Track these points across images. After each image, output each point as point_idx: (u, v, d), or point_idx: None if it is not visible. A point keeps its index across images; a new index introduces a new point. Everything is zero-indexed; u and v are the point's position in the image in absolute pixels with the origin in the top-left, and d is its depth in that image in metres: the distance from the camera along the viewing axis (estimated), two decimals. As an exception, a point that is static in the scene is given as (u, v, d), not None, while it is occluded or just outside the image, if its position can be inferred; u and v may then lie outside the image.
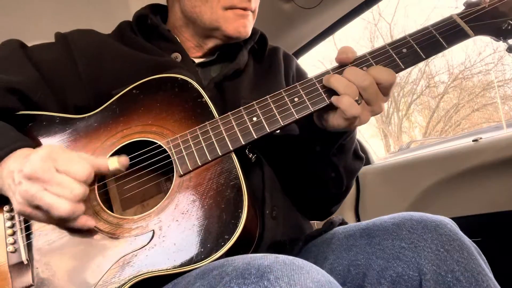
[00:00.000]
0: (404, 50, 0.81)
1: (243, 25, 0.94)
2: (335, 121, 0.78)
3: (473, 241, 0.70)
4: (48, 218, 0.66)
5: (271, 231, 0.81)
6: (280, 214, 0.84)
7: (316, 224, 1.71)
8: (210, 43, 0.99)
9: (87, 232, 0.70)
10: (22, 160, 0.66)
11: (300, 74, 1.10)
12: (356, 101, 0.74)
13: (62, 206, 0.63)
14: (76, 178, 0.64)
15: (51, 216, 0.65)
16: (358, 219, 2.01)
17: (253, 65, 1.02)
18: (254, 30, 1.05)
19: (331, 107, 0.78)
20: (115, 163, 0.69)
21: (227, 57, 1.01)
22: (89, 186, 0.68)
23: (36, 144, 0.77)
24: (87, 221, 0.68)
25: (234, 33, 0.94)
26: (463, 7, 0.85)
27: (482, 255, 0.69)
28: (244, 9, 0.93)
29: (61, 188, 0.63)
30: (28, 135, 0.79)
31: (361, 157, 0.97)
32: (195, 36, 0.99)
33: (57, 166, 0.64)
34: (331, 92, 0.78)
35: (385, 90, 0.76)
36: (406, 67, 0.81)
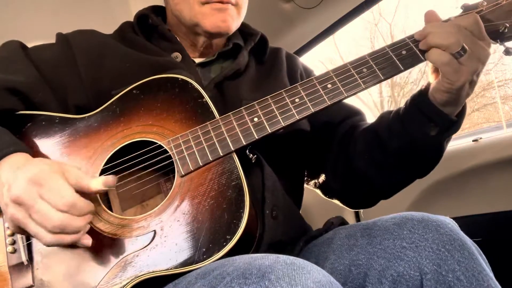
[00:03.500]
0: (404, 52, 0.81)
1: (222, 20, 0.91)
2: (443, 83, 0.76)
3: (473, 241, 0.70)
4: None
5: (271, 231, 0.80)
6: (280, 214, 0.84)
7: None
8: (200, 40, 0.98)
9: (88, 233, 0.69)
10: (12, 174, 0.64)
11: (307, 72, 1.10)
12: (460, 52, 0.73)
13: (44, 237, 0.61)
14: (57, 208, 0.61)
15: None
16: (358, 219, 2.02)
17: (254, 66, 1.02)
18: (255, 31, 1.05)
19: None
20: (98, 185, 0.66)
21: (227, 58, 1.01)
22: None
23: (32, 147, 0.76)
24: (82, 240, 0.66)
25: (213, 28, 0.92)
26: (461, 10, 0.85)
27: (483, 255, 0.69)
28: (221, 2, 0.91)
29: (42, 218, 0.61)
30: (27, 135, 0.78)
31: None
32: (187, 34, 0.99)
33: (41, 193, 0.61)
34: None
35: (476, 32, 0.75)
36: (405, 69, 0.81)
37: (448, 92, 0.77)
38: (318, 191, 1.08)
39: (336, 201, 1.06)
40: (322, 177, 1.04)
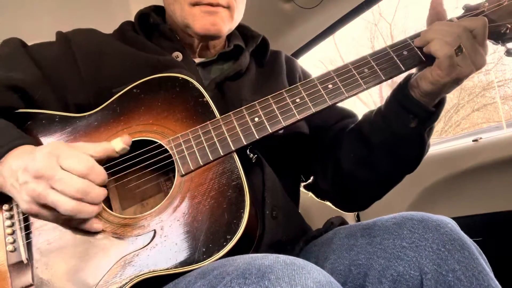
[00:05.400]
0: (405, 53, 0.81)
1: (212, 23, 0.91)
2: (433, 73, 0.77)
3: (473, 240, 0.70)
4: (56, 217, 0.66)
5: (271, 231, 0.80)
6: (280, 215, 0.84)
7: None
8: (195, 42, 0.98)
9: (88, 232, 0.69)
10: (25, 159, 0.66)
11: (306, 76, 1.10)
12: (456, 51, 0.74)
13: (66, 203, 0.63)
14: (77, 173, 0.64)
15: (58, 215, 0.65)
16: (358, 219, 2.02)
17: (254, 68, 1.02)
18: (256, 34, 1.05)
19: (424, 67, 0.80)
20: (120, 144, 0.71)
21: (228, 59, 1.01)
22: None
23: (37, 142, 0.76)
24: (93, 224, 0.68)
25: (202, 30, 0.91)
26: (463, 11, 0.85)
27: (483, 255, 0.69)
28: (211, 4, 0.90)
29: (63, 185, 0.63)
30: (27, 133, 0.78)
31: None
32: (183, 35, 0.99)
33: (60, 162, 0.64)
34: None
35: (480, 37, 0.77)
36: (406, 69, 0.81)
37: (433, 84, 0.79)
38: (311, 194, 1.08)
39: (329, 204, 1.06)
40: (313, 179, 1.04)
